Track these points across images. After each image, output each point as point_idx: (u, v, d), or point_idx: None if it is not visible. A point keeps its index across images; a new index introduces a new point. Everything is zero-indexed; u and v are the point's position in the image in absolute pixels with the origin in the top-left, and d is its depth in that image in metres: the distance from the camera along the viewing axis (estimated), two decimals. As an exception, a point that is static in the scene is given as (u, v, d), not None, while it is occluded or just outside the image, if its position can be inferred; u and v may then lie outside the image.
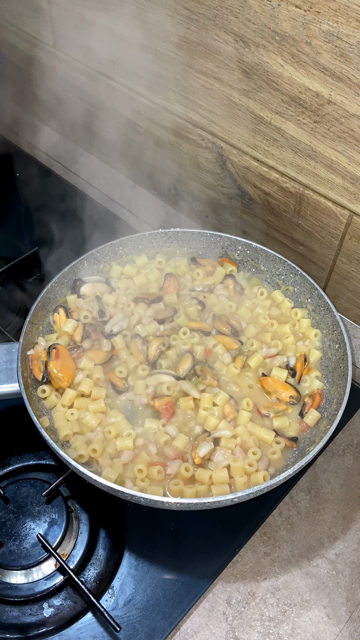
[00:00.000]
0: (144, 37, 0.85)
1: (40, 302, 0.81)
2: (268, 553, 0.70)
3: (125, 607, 0.65)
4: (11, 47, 1.16)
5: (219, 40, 0.75)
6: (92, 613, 0.65)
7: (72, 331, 0.81)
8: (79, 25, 0.94)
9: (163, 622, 0.64)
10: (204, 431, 0.72)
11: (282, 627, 0.64)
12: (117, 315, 0.83)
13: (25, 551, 0.67)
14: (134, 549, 0.69)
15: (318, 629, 0.65)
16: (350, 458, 0.79)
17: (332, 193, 0.76)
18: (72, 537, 0.70)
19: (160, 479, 0.68)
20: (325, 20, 0.63)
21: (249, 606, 0.66)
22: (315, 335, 0.82)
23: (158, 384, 0.75)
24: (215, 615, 0.65)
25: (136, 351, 0.79)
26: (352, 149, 0.70)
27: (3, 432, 0.80)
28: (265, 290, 0.87)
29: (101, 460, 0.70)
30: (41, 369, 0.75)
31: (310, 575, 0.68)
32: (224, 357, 0.79)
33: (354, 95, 0.66)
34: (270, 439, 0.72)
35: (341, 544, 0.71)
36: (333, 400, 0.74)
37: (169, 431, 0.72)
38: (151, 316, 0.84)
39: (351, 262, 0.81)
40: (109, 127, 1.04)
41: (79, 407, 0.74)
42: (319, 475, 0.77)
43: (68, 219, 1.00)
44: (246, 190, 0.88)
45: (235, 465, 0.69)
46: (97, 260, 0.89)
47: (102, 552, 0.69)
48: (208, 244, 0.92)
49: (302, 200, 0.81)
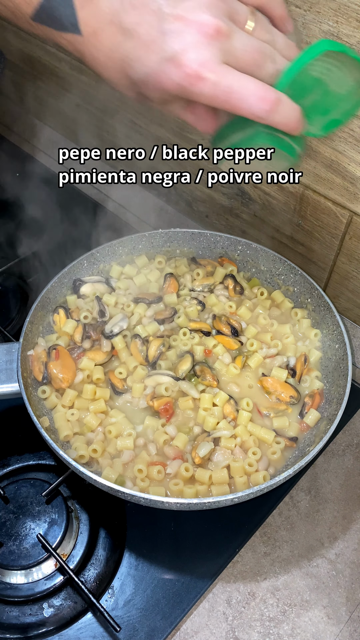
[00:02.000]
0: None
1: (40, 302, 0.81)
2: (268, 553, 0.70)
3: (125, 607, 0.65)
4: (11, 47, 1.16)
5: (219, 40, 0.75)
6: (92, 613, 0.65)
7: (72, 331, 0.81)
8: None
9: (163, 622, 0.64)
10: (203, 431, 0.72)
11: (282, 627, 0.65)
12: (117, 315, 0.83)
13: (25, 551, 0.67)
14: (133, 549, 0.69)
15: (318, 629, 0.65)
16: (350, 458, 0.79)
17: (332, 193, 0.76)
18: (72, 537, 0.70)
19: (160, 479, 0.68)
20: (326, 20, 0.63)
21: (249, 606, 0.66)
22: (315, 335, 0.82)
23: (157, 385, 0.75)
24: (215, 616, 0.65)
25: (136, 352, 0.79)
26: (352, 149, 0.70)
27: (3, 432, 0.80)
28: (265, 290, 0.87)
29: (101, 461, 0.70)
30: (41, 370, 0.75)
31: (310, 575, 0.68)
32: (223, 358, 0.79)
33: (354, 95, 0.66)
34: (270, 439, 0.72)
35: (341, 544, 0.71)
36: (333, 400, 0.74)
37: (168, 431, 0.72)
38: (151, 316, 0.83)
39: (351, 262, 0.81)
40: (109, 127, 1.04)
41: (79, 408, 0.74)
42: (319, 475, 0.77)
43: (68, 218, 1.00)
44: (246, 190, 0.88)
45: (235, 465, 0.69)
46: (97, 260, 0.89)
47: (102, 552, 0.69)
48: (208, 244, 0.92)
49: (302, 200, 0.81)
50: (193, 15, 0.46)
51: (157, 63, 0.47)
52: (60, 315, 0.83)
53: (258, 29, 0.50)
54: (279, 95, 0.48)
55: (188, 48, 0.46)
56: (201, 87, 0.47)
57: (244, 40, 0.48)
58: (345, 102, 0.55)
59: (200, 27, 0.46)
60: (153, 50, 0.47)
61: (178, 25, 0.46)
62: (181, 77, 0.47)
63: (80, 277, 0.87)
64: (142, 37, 0.47)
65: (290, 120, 0.50)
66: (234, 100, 0.48)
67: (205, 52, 0.46)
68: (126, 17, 0.47)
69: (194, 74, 0.47)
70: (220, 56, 0.47)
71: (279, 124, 0.50)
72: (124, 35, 0.48)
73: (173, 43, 0.46)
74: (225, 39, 0.47)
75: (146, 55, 0.48)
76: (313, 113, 0.54)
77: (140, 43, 0.47)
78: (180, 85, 0.48)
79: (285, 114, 0.49)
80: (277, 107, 0.48)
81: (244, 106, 0.48)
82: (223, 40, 0.47)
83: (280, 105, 0.48)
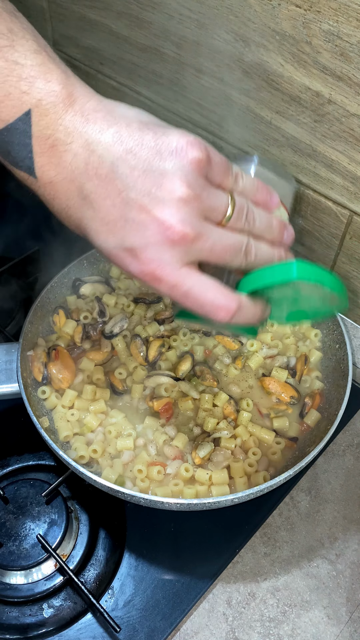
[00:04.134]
0: (144, 36, 0.85)
1: (40, 302, 0.81)
2: (268, 553, 0.70)
3: (125, 608, 0.65)
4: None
5: (219, 40, 0.75)
6: (92, 614, 0.65)
7: (72, 332, 0.81)
8: (79, 24, 0.94)
9: (163, 622, 0.64)
10: (203, 432, 0.72)
11: (282, 627, 0.64)
12: (117, 315, 0.83)
13: (25, 552, 0.67)
14: (133, 549, 0.69)
15: (318, 629, 0.64)
16: (350, 458, 0.78)
17: (333, 192, 0.76)
18: (72, 538, 0.70)
19: (160, 479, 0.68)
20: (326, 20, 0.63)
21: (249, 607, 0.66)
22: (315, 335, 0.82)
23: (157, 385, 0.75)
24: (215, 616, 0.65)
25: (136, 352, 0.78)
26: (353, 149, 0.70)
27: (3, 433, 0.80)
28: (265, 290, 0.87)
29: (101, 461, 0.70)
30: (41, 370, 0.75)
31: (310, 576, 0.68)
32: (224, 358, 0.79)
33: (354, 94, 0.65)
34: (270, 439, 0.72)
35: (341, 545, 0.71)
36: (333, 401, 0.74)
37: (168, 431, 0.72)
38: (151, 317, 0.83)
39: (351, 262, 0.80)
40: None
41: (79, 408, 0.74)
42: (319, 475, 0.77)
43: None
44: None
45: (235, 465, 0.69)
46: (97, 260, 0.89)
47: (102, 553, 0.69)
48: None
49: (302, 199, 0.80)
50: (159, 211, 0.42)
51: (115, 247, 0.44)
52: (60, 315, 0.82)
53: (235, 219, 0.46)
54: (239, 302, 0.46)
55: (148, 246, 0.43)
56: (157, 286, 0.45)
57: (214, 239, 0.44)
58: (316, 303, 0.53)
59: (164, 229, 0.42)
60: (112, 232, 0.43)
61: (142, 218, 0.42)
62: (139, 270, 0.44)
63: (80, 277, 0.87)
64: (102, 214, 0.43)
65: (250, 321, 0.48)
66: (191, 303, 0.45)
67: (165, 255, 0.43)
68: (88, 184, 0.43)
69: (150, 274, 0.44)
70: (184, 258, 0.43)
71: (238, 324, 0.48)
72: (84, 200, 0.43)
73: (134, 236, 0.43)
74: (190, 244, 0.43)
75: (105, 234, 0.44)
76: (280, 302, 0.52)
77: (100, 218, 0.43)
78: (138, 276, 0.45)
79: (245, 318, 0.47)
80: (237, 314, 0.46)
81: (203, 311, 0.46)
82: (188, 245, 0.43)
83: (240, 311, 0.46)
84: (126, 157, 0.42)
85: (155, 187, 0.42)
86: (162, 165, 0.42)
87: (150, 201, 0.42)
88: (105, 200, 0.43)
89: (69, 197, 0.44)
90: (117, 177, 0.42)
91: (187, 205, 0.42)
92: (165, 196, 0.42)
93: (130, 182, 0.42)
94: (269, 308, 0.51)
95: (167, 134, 0.43)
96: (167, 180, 0.42)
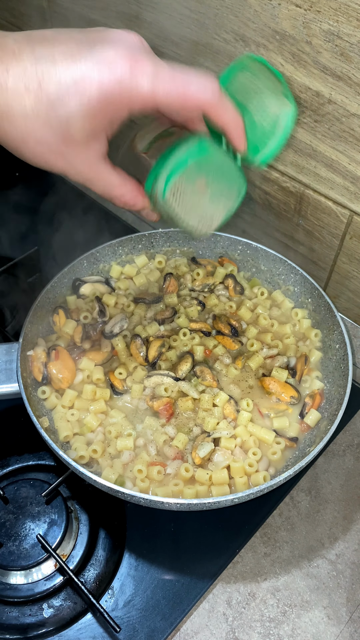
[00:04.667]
0: (144, 36, 0.85)
1: (40, 302, 0.81)
2: (268, 553, 0.70)
3: (125, 608, 0.65)
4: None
5: (219, 40, 0.75)
6: (92, 614, 0.65)
7: (72, 332, 0.81)
8: (79, 24, 0.94)
9: (163, 622, 0.64)
10: (203, 431, 0.72)
11: (283, 627, 0.64)
12: (117, 315, 0.83)
13: (25, 552, 0.67)
14: (133, 549, 0.69)
15: (318, 629, 0.64)
16: (350, 458, 0.78)
17: (333, 192, 0.76)
18: (72, 538, 0.70)
19: (160, 480, 0.68)
20: (326, 20, 0.63)
21: (249, 607, 0.66)
22: (315, 335, 0.82)
23: (157, 385, 0.75)
24: (215, 616, 0.65)
25: (136, 352, 0.78)
26: (353, 149, 0.69)
27: (3, 433, 0.80)
28: (265, 290, 0.87)
29: (101, 461, 0.70)
30: (41, 370, 0.75)
31: (310, 576, 0.68)
32: (224, 358, 0.79)
33: (354, 94, 0.65)
34: (270, 439, 0.72)
35: (341, 545, 0.71)
36: (333, 401, 0.74)
37: (168, 431, 0.72)
38: (151, 317, 0.83)
39: (352, 262, 0.80)
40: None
41: (79, 408, 0.74)
42: (319, 475, 0.77)
43: (68, 218, 1.00)
44: (246, 190, 0.88)
45: (235, 465, 0.69)
46: (96, 260, 0.89)
47: (102, 553, 0.69)
48: (208, 243, 0.91)
49: (303, 199, 0.80)
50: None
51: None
52: (60, 315, 0.82)
53: None
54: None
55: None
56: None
57: None
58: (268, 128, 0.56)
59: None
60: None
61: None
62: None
63: (80, 277, 0.87)
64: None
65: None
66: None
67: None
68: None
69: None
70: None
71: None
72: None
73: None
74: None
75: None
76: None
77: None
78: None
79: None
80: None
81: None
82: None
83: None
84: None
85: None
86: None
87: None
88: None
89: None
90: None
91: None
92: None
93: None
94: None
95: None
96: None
